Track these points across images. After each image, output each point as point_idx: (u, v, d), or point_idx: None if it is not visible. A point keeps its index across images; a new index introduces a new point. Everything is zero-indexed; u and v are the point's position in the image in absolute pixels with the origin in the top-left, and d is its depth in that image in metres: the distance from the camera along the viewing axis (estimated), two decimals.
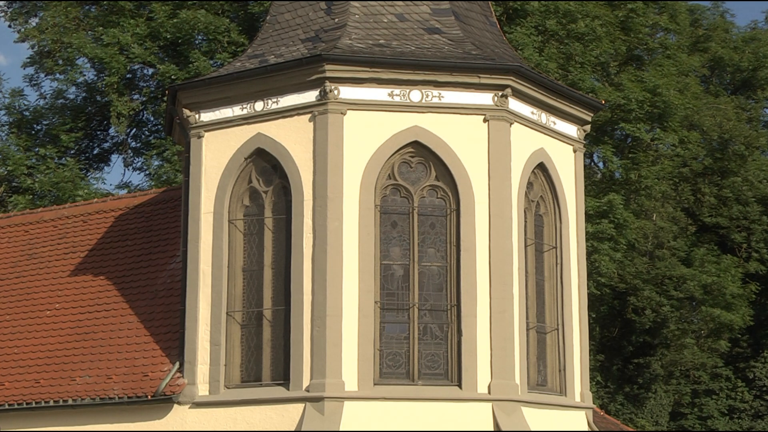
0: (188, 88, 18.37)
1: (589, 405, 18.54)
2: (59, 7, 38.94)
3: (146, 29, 38.07)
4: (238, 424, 16.66)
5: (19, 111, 41.84)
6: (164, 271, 20.38)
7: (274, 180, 17.21)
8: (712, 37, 50.82)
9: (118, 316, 19.95)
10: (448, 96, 16.84)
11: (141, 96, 40.58)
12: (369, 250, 16.41)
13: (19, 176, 38.49)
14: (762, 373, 50.79)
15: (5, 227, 24.75)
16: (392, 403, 16.06)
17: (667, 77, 38.04)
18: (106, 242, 22.34)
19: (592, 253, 33.92)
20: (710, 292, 43.71)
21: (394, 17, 17.88)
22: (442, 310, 16.60)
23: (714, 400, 50.56)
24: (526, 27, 34.79)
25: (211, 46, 37.34)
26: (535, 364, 17.40)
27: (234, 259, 17.31)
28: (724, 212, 48.34)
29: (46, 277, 22.25)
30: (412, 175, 16.88)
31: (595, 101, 19.85)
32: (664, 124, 38.19)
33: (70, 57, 39.18)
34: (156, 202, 22.73)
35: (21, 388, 19.46)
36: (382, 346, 16.35)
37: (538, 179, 17.90)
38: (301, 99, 16.87)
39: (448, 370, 16.43)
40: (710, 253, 45.79)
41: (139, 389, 17.80)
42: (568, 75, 34.30)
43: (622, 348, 46.21)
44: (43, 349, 20.19)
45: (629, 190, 38.02)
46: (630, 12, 37.90)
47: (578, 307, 18.39)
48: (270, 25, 18.83)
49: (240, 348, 17.13)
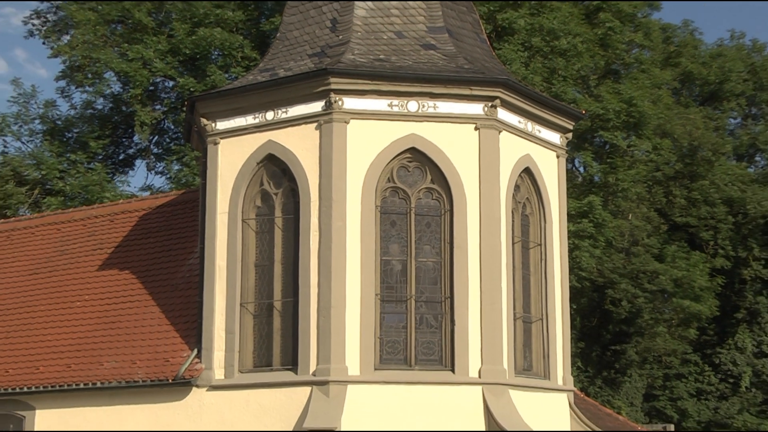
0: (205, 99, 18.38)
1: (571, 388, 18.54)
2: (88, 26, 38.99)
3: (167, 45, 38.18)
4: (251, 405, 16.66)
5: (52, 120, 41.97)
6: (183, 266, 20.40)
7: (283, 183, 17.20)
8: (683, 53, 50.94)
9: (141, 307, 19.98)
10: (443, 106, 16.83)
11: (162, 106, 40.68)
12: (370, 247, 16.41)
13: (51, 179, 38.60)
14: (727, 359, 50.81)
15: (39, 226, 24.82)
16: (391, 387, 16.06)
17: (641, 89, 38.12)
18: (130, 239, 22.36)
19: (574, 249, 33.96)
20: (680, 285, 43.82)
21: (393, 34, 17.88)
22: (436, 302, 16.59)
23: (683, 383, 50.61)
24: (514, 44, 34.84)
25: (226, 60, 37.43)
26: (521, 350, 17.40)
27: (247, 255, 17.31)
28: (693, 212, 48.41)
29: (76, 271, 22.29)
30: (409, 179, 16.88)
31: (576, 111, 19.84)
32: (639, 132, 38.29)
33: (98, 71, 39.31)
34: (176, 203, 22.75)
35: (54, 372, 19.51)
36: (382, 335, 16.35)
37: (524, 182, 17.89)
38: (308, 109, 16.86)
39: (442, 357, 16.43)
40: (680, 249, 45.88)
41: (161, 373, 17.82)
42: (552, 87, 34.34)
43: (601, 336, 46.26)
44: (74, 336, 20.23)
45: (607, 192, 38.08)
46: (608, 30, 37.95)
47: (561, 299, 18.39)
48: (280, 42, 18.83)
49: (252, 336, 17.13)
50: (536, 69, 34.54)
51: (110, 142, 41.95)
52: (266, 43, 33.47)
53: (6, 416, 19.67)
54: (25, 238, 24.54)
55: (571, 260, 31.95)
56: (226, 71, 37.05)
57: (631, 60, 40.70)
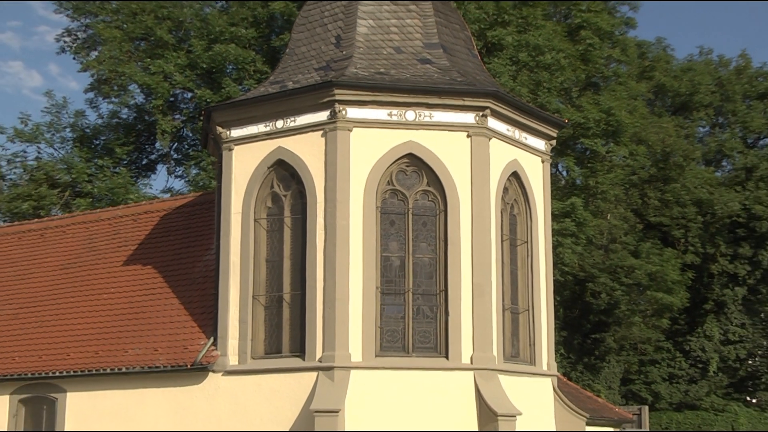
0: (221, 109, 18.31)
1: (554, 373, 18.48)
2: (114, 43, 39.03)
3: (186, 60, 38.19)
4: (263, 389, 16.63)
5: (82, 128, 41.99)
6: (200, 262, 20.34)
7: (292, 186, 17.14)
8: (656, 68, 51.01)
9: (162, 299, 19.94)
10: (438, 115, 16.78)
11: (181, 116, 40.67)
12: (371, 244, 16.36)
13: (81, 183, 38.62)
14: (696, 346, 50.83)
15: (70, 225, 24.80)
16: (391, 372, 16.02)
17: (619, 100, 38.09)
18: (152, 237, 22.32)
19: (557, 246, 33.91)
20: (654, 279, 43.84)
21: (392, 50, 17.82)
22: (432, 294, 16.53)
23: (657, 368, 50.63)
24: (502, 58, 34.79)
25: (240, 74, 37.41)
26: (509, 339, 17.35)
27: (258, 252, 17.26)
28: (666, 213, 48.46)
29: (102, 266, 22.24)
30: (407, 182, 16.82)
31: (559, 120, 19.78)
32: (617, 140, 38.26)
33: (123, 84, 39.35)
34: (194, 204, 22.71)
35: (83, 358, 19.49)
36: (382, 324, 16.30)
37: (512, 185, 17.83)
38: (315, 118, 16.81)
39: (437, 344, 16.37)
40: (654, 246, 45.90)
41: (180, 359, 17.79)
42: (537, 98, 34.28)
43: (582, 326, 46.25)
44: (101, 325, 20.20)
45: (588, 194, 38.06)
46: (588, 46, 37.92)
47: (545, 292, 18.33)
48: (289, 57, 18.77)
49: (264, 325, 17.08)
50: (523, 81, 34.49)
51: (134, 148, 41.93)
52: (276, 58, 33.42)
53: (41, 398, 19.68)
54: (57, 236, 24.51)
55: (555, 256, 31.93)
56: (240, 84, 37.03)
57: (609, 73, 40.67)
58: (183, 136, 41.95)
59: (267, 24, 38.74)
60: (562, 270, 36.42)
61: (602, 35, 38.87)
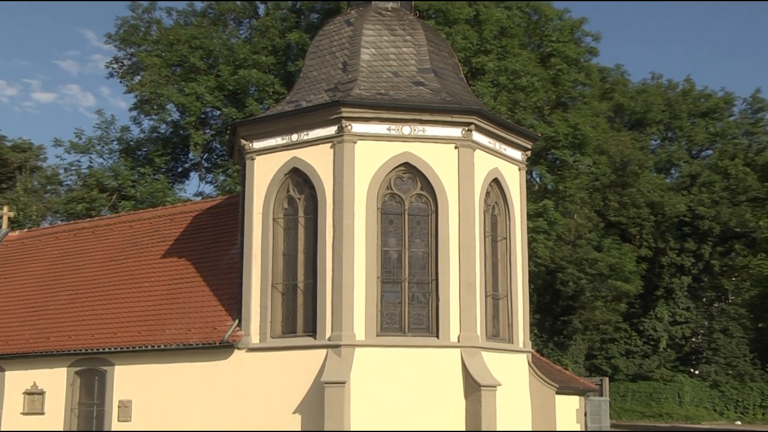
0: (244, 124, 18.19)
1: (529, 350, 18.37)
2: (154, 68, 39.05)
3: (215, 83, 38.18)
4: (280, 363, 16.54)
5: (127, 142, 41.95)
6: (227, 255, 20.23)
7: (305, 190, 17.02)
8: (615, 90, 51.07)
9: (195, 287, 19.83)
10: (430, 130, 16.65)
11: (211, 130, 40.66)
12: (373, 240, 16.24)
13: (126, 187, 38.62)
14: (649, 326, 50.86)
15: (116, 224, 24.68)
16: (389, 349, 15.92)
17: (584, 117, 38.03)
18: (186, 234, 22.21)
19: (532, 242, 33.83)
20: (614, 269, 43.84)
21: (390, 74, 17.71)
22: (425, 283, 16.41)
23: (616, 346, 50.64)
24: (485, 81, 34.70)
25: (261, 94, 37.37)
26: (491, 321, 17.23)
27: (276, 247, 17.13)
28: (624, 213, 48.46)
29: (144, 259, 22.14)
30: (403, 187, 16.70)
31: (533, 134, 19.65)
32: (582, 151, 38.18)
33: (161, 103, 39.34)
34: (222, 205, 22.60)
35: (127, 336, 19.42)
36: (382, 309, 16.19)
37: (493, 190, 17.71)
38: (325, 132, 16.69)
39: (429, 326, 16.26)
40: (614, 242, 45.94)
41: (210, 338, 17.69)
42: (515, 115, 34.18)
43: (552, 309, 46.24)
44: (143, 309, 20.09)
45: (558, 198, 37.96)
46: (558, 71, 37.84)
47: (521, 281, 18.22)
48: (302, 80, 18.66)
49: (281, 309, 16.96)
50: (502, 101, 34.40)
51: (171, 158, 41.93)
52: (292, 81, 33.33)
53: (93, 370, 19.63)
54: (106, 233, 24.40)
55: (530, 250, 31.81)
56: (261, 103, 36.97)
57: (576, 94, 40.62)
58: (212, 148, 41.90)
59: (284, 52, 38.68)
60: (536, 262, 36.36)
61: (570, 62, 38.81)
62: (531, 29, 38.99)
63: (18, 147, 47.87)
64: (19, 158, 47.12)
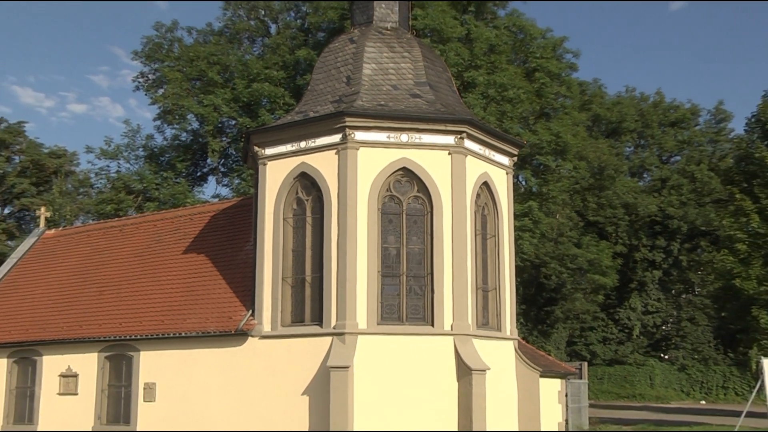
0: (257, 133, 18.13)
1: (516, 337, 18.32)
2: (176, 82, 39.03)
3: (231, 95, 38.16)
4: (290, 349, 16.49)
5: (151, 148, 41.97)
6: (242, 251, 20.17)
7: (312, 192, 16.96)
8: (593, 101, 50.99)
9: (212, 280, 19.76)
10: (426, 138, 16.59)
11: (227, 138, 40.59)
12: (374, 237, 16.18)
13: (150, 190, 38.60)
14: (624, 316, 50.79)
15: (141, 222, 24.62)
16: (389, 336, 15.86)
17: (565, 126, 37.99)
18: (205, 232, 22.15)
19: (518, 239, 33.81)
20: (592, 264, 43.76)
21: (390, 87, 17.65)
22: (421, 277, 16.35)
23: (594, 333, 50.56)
24: (475, 93, 34.64)
25: (272, 106, 37.34)
26: (481, 311, 17.17)
27: (286, 244, 17.07)
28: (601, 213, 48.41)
29: (167, 254, 22.07)
30: (401, 189, 16.64)
31: (519, 142, 19.59)
32: (564, 157, 38.14)
33: (182, 114, 39.37)
34: (237, 206, 22.53)
35: (151, 324, 19.34)
36: (382, 300, 16.13)
37: (483, 192, 17.65)
38: (330, 140, 16.63)
39: (425, 315, 16.20)
40: (592, 239, 45.86)
41: (226, 326, 17.62)
42: (503, 124, 34.13)
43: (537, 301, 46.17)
44: (165, 300, 20.02)
45: (541, 199, 37.93)
46: (541, 84, 37.80)
47: (509, 275, 18.16)
48: (310, 92, 18.61)
49: (290, 300, 16.90)
50: (491, 112, 34.35)
51: (191, 163, 41.94)
52: (300, 94, 33.30)
53: (120, 355, 19.56)
54: (132, 231, 24.34)
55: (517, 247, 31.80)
56: (272, 113, 36.92)
57: (557, 105, 40.58)
58: (228, 154, 41.88)
59: (293, 67, 38.63)
60: (522, 257, 36.31)
61: (552, 76, 38.76)
62: (517, 47, 38.94)
63: (54, 153, 47.92)
64: (55, 164, 47.17)
